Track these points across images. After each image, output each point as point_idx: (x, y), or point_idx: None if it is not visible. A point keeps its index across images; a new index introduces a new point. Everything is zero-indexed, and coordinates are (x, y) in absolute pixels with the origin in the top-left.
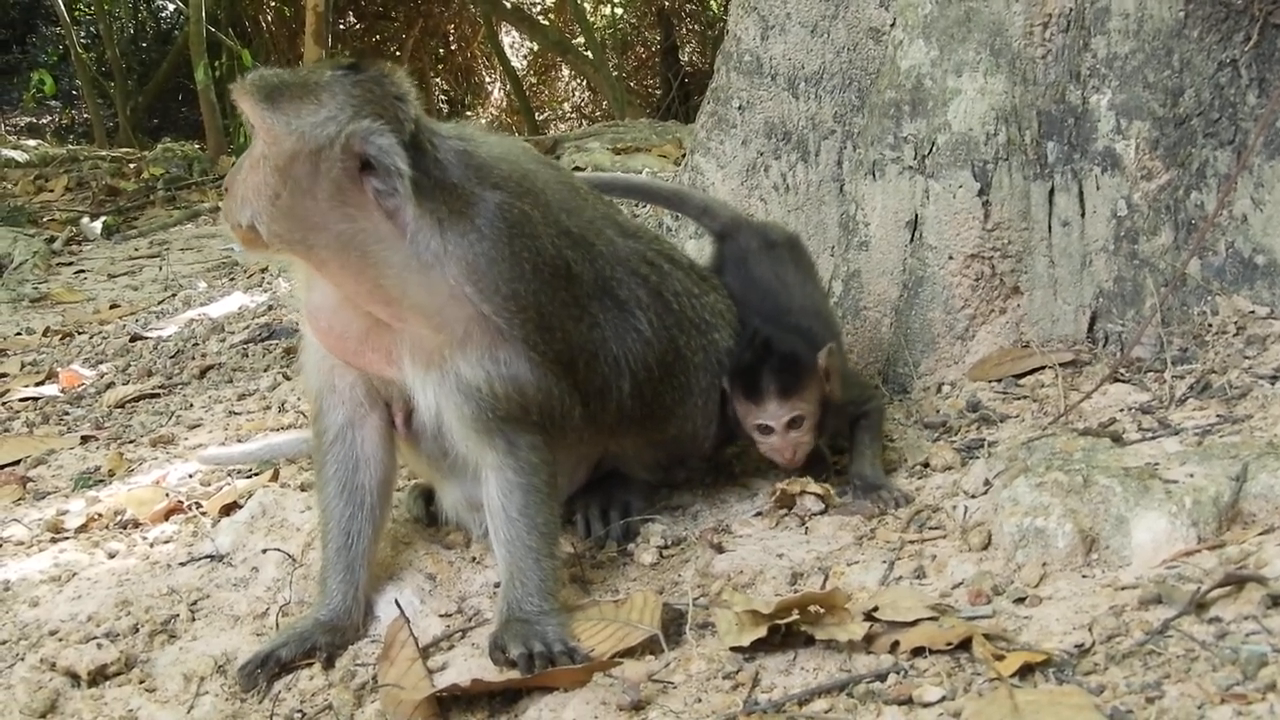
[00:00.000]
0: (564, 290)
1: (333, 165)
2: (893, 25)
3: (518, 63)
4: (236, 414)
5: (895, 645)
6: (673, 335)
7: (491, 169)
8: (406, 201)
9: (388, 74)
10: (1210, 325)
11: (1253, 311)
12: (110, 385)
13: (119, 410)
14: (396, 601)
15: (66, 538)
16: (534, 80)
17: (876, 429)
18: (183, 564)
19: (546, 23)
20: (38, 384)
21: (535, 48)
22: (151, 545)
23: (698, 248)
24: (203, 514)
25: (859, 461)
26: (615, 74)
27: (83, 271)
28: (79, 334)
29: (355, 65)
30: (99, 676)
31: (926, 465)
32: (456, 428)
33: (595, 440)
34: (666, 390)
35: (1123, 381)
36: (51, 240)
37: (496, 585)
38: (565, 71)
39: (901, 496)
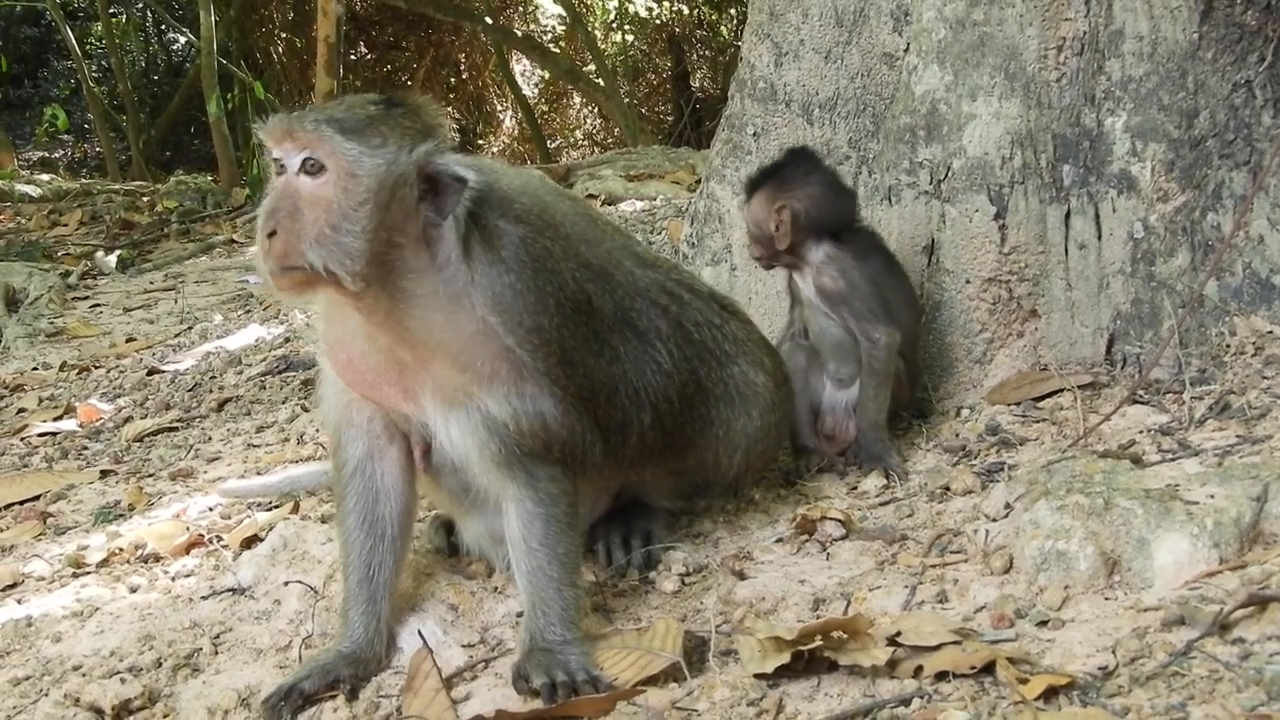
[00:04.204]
0: (585, 325)
1: (409, 192)
2: (906, 51)
3: (529, 91)
4: (255, 446)
5: (919, 670)
6: (693, 366)
7: (513, 202)
8: (460, 221)
9: (422, 105)
10: (1228, 346)
11: (1270, 332)
12: (128, 419)
13: (138, 444)
14: (419, 632)
15: (88, 572)
16: (545, 108)
17: (882, 377)
18: (205, 597)
19: (557, 51)
20: (56, 419)
21: (546, 76)
22: (173, 579)
23: (714, 275)
24: (224, 547)
25: (863, 415)
26: (627, 101)
27: (98, 305)
28: (96, 368)
29: (390, 100)
30: (123, 711)
31: (947, 489)
32: (478, 463)
33: (615, 474)
34: (687, 421)
35: (1142, 403)
36: (66, 274)
37: (519, 615)
38: (577, 99)
39: (902, 470)
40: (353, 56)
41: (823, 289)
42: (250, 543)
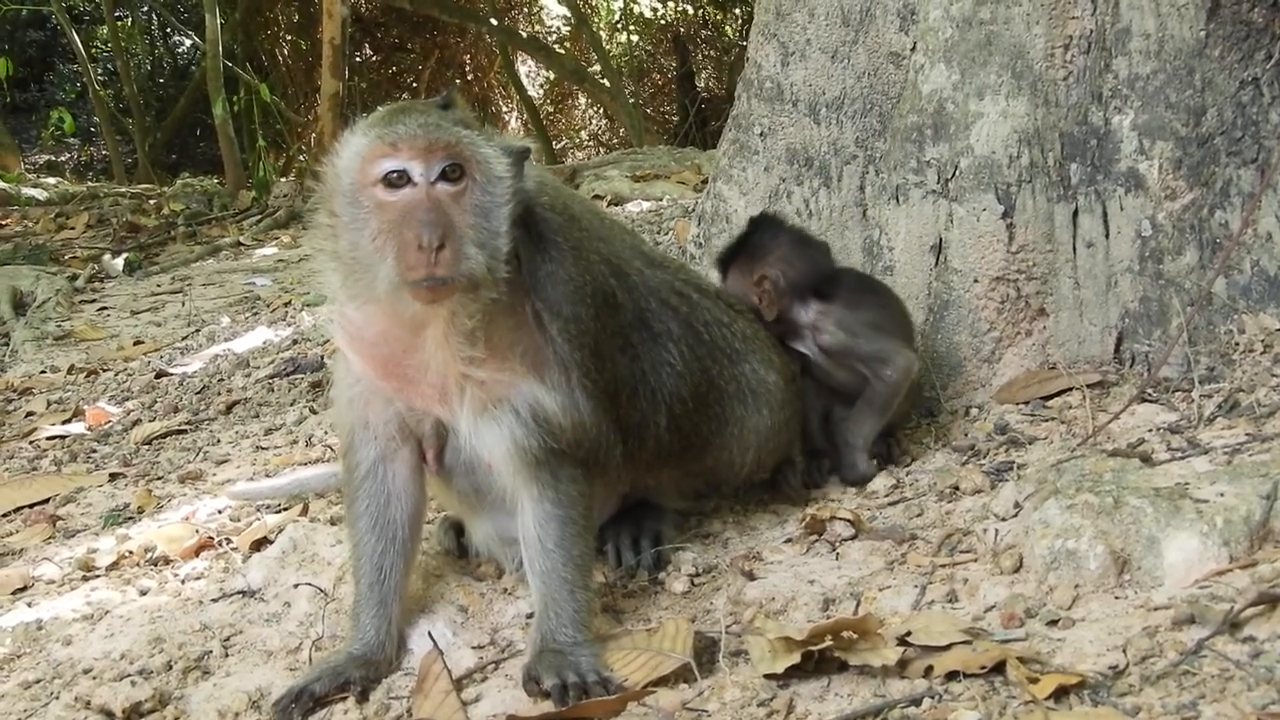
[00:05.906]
0: (612, 319)
1: (520, 184)
2: (913, 50)
3: (534, 92)
4: (264, 449)
5: (929, 670)
6: (705, 365)
7: (541, 194)
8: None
9: (460, 102)
10: (1237, 344)
11: (1279, 329)
12: (137, 422)
13: (146, 447)
14: (430, 634)
15: (98, 576)
16: (551, 109)
17: (882, 407)
18: (215, 600)
19: (562, 51)
20: (64, 422)
21: (552, 76)
22: (183, 582)
23: None
24: (233, 550)
25: (853, 435)
26: (632, 101)
27: (105, 308)
28: (104, 371)
29: (444, 101)
30: (134, 714)
31: (956, 488)
32: (507, 461)
33: (633, 477)
34: (703, 421)
35: (1150, 402)
36: (74, 278)
37: (529, 616)
38: (582, 100)
39: (860, 477)
40: (358, 58)
41: (825, 347)
42: (260, 545)
